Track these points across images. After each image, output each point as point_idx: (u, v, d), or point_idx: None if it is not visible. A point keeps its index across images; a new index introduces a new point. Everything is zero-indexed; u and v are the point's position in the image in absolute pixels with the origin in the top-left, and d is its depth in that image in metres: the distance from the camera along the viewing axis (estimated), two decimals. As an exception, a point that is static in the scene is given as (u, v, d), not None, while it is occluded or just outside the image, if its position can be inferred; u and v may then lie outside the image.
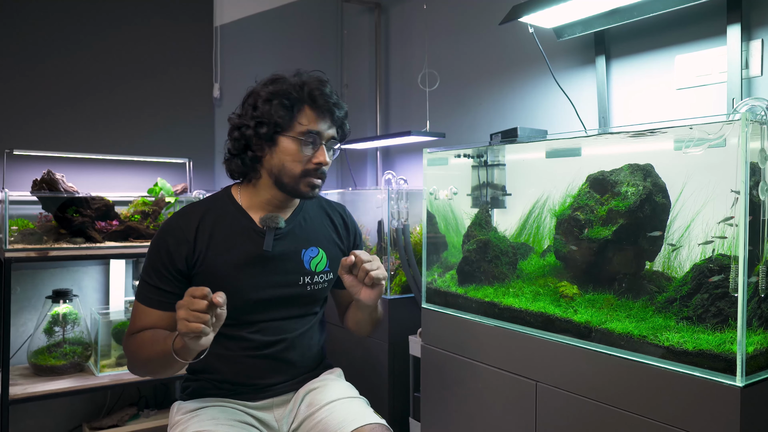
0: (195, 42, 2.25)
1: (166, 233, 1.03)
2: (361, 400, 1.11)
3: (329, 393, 1.08)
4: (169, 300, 1.01)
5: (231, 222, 1.06)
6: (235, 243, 1.04)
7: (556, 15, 1.40)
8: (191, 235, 1.03)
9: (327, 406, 1.05)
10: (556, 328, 1.11)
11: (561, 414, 1.07)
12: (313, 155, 1.03)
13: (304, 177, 1.03)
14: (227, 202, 1.09)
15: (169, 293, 1.01)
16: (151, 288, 1.01)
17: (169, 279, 1.01)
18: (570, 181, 1.28)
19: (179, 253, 1.01)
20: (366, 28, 2.52)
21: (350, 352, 1.92)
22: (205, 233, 1.03)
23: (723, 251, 1.03)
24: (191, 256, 1.02)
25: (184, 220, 1.04)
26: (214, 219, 1.05)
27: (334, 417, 1.02)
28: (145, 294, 1.02)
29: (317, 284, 1.11)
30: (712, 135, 0.94)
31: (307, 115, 1.02)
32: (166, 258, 1.01)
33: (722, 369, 0.86)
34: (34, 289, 1.92)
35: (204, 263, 1.02)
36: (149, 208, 1.91)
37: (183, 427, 0.99)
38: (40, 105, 1.95)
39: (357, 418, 1.01)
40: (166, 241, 1.02)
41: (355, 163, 2.58)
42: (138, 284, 1.04)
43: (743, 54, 1.24)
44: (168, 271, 1.01)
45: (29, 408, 1.89)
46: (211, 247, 1.03)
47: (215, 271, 1.02)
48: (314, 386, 1.11)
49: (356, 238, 1.22)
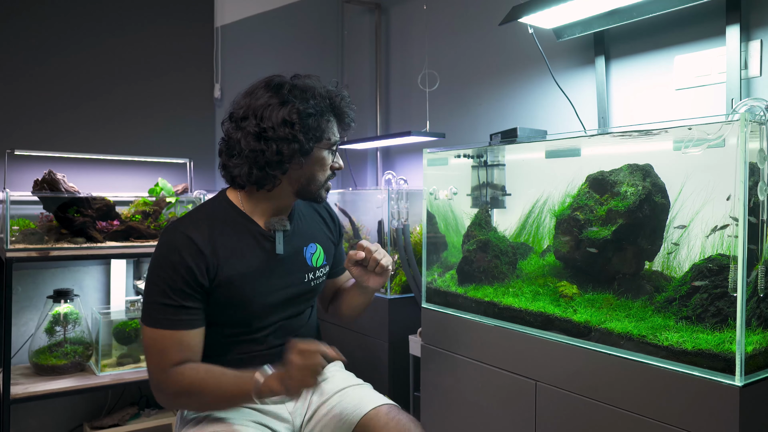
0: (196, 42, 2.25)
1: (180, 248, 0.95)
2: (369, 385, 1.15)
3: (338, 382, 1.11)
4: (195, 317, 0.96)
5: (237, 229, 1.03)
6: (245, 250, 1.03)
7: (556, 15, 1.40)
8: (206, 248, 0.96)
9: (338, 393, 1.08)
10: (556, 327, 1.11)
11: (560, 413, 1.07)
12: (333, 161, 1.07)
13: (326, 183, 1.07)
14: (228, 209, 1.05)
15: (194, 309, 0.95)
16: (174, 309, 0.94)
17: (192, 296, 0.95)
18: (569, 182, 1.28)
19: (200, 268, 0.95)
20: (366, 28, 2.52)
21: (350, 352, 1.92)
22: (218, 245, 0.99)
23: (722, 251, 1.03)
24: (211, 268, 0.96)
25: (193, 232, 0.97)
26: (222, 228, 1.01)
27: (348, 401, 1.05)
28: (167, 318, 0.93)
29: (318, 278, 1.13)
30: (711, 135, 0.94)
31: (334, 126, 1.06)
32: (188, 275, 0.94)
33: (721, 368, 0.86)
34: (35, 288, 1.93)
35: (222, 276, 0.99)
36: (150, 208, 1.91)
37: (198, 428, 0.98)
38: (42, 105, 1.95)
39: (373, 399, 1.05)
40: (182, 257, 0.94)
41: (355, 163, 2.58)
42: (150, 311, 0.95)
43: (742, 54, 1.24)
44: (191, 287, 0.94)
45: (30, 407, 1.89)
46: (225, 256, 0.99)
47: (232, 281, 0.99)
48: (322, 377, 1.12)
49: (340, 228, 1.24)
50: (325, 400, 1.08)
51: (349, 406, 1.04)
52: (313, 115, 0.98)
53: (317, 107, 0.99)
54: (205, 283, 0.96)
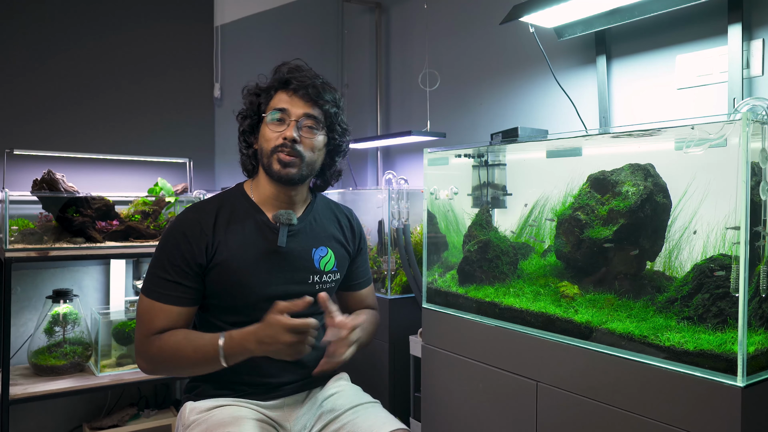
0: (195, 42, 2.25)
1: (183, 227, 1.02)
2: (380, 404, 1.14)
3: (350, 398, 1.10)
4: (188, 296, 1.00)
5: (245, 217, 1.07)
6: (248, 238, 1.05)
7: (557, 15, 1.39)
8: (209, 228, 1.02)
9: (351, 410, 1.07)
10: (557, 328, 1.11)
11: (562, 414, 1.07)
12: (281, 132, 1.04)
13: (274, 153, 1.03)
14: (240, 198, 1.09)
15: (189, 288, 1.00)
16: (170, 284, 0.99)
17: (189, 274, 1.00)
18: (570, 181, 1.28)
19: (199, 247, 1.00)
20: (366, 27, 2.52)
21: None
22: (221, 227, 1.04)
23: (724, 251, 1.03)
24: (210, 249, 1.01)
25: (201, 214, 1.04)
26: (229, 213, 1.06)
27: (361, 421, 1.04)
28: (161, 291, 0.99)
29: (325, 284, 1.12)
30: (713, 135, 0.93)
31: (278, 97, 1.06)
32: (187, 252, 1.00)
33: (723, 369, 0.86)
34: (34, 289, 1.92)
35: (220, 257, 1.02)
36: (149, 208, 1.91)
37: (204, 427, 0.98)
38: (41, 105, 1.95)
39: (386, 423, 1.03)
40: (185, 235, 1.00)
41: (355, 162, 2.57)
42: (149, 281, 1.01)
43: (744, 54, 1.24)
44: (188, 266, 1.00)
45: (29, 408, 1.88)
46: (227, 241, 1.03)
47: (229, 266, 1.02)
48: (332, 392, 1.13)
49: (361, 242, 1.23)
50: (337, 416, 1.06)
51: (363, 426, 1.02)
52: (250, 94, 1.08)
53: (263, 84, 1.07)
54: (203, 262, 1.01)
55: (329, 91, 1.07)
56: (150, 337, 0.98)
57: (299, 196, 1.11)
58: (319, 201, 1.18)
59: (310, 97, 1.04)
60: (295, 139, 1.02)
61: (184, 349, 0.96)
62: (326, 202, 1.21)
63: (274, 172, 1.04)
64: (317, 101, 1.05)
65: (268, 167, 1.05)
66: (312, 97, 1.04)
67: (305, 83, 1.04)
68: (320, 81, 1.07)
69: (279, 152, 1.03)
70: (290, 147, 1.02)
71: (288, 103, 1.04)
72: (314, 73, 1.07)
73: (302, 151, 1.03)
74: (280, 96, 1.05)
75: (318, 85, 1.05)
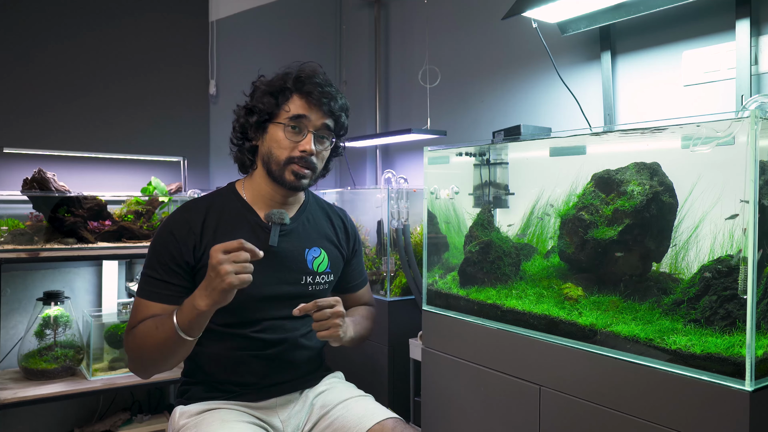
0: (190, 37, 2.22)
1: (173, 226, 1.03)
2: (371, 397, 1.14)
3: (341, 393, 1.11)
4: (174, 293, 1.01)
5: (235, 216, 1.08)
6: (238, 235, 1.04)
7: (561, 9, 1.39)
8: (197, 228, 1.04)
9: (341, 404, 1.08)
10: (560, 330, 1.09)
11: (565, 419, 1.06)
12: (300, 143, 1.04)
13: (289, 164, 1.05)
14: (231, 197, 1.10)
15: (175, 286, 1.01)
16: (157, 282, 1.01)
17: (176, 272, 1.01)
18: (574, 180, 1.26)
19: (187, 246, 1.02)
20: (365, 23, 2.49)
21: (350, 356, 1.90)
22: (211, 227, 1.05)
23: (731, 252, 1.01)
24: (198, 248, 1.02)
25: (190, 213, 1.06)
26: (219, 213, 1.07)
27: (351, 413, 1.05)
28: (149, 289, 1.01)
29: (318, 285, 1.12)
30: (720, 133, 0.92)
31: (295, 102, 1.05)
32: (175, 251, 1.01)
33: (731, 373, 0.84)
34: (24, 290, 1.90)
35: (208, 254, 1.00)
36: (143, 207, 1.88)
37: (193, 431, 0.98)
38: (31, 102, 1.92)
39: (377, 412, 1.05)
40: (173, 234, 1.02)
41: (354, 161, 2.55)
42: (140, 280, 1.03)
43: (752, 49, 1.23)
44: (176, 264, 1.01)
45: (20, 413, 1.86)
46: (216, 240, 1.02)
47: None
48: (323, 389, 1.13)
49: (356, 243, 1.24)
50: (327, 411, 1.07)
51: (353, 420, 1.03)
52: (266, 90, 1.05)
53: (274, 84, 1.05)
54: (191, 261, 1.02)
55: (341, 98, 1.09)
56: (129, 333, 1.01)
57: (295, 197, 1.12)
58: (312, 201, 1.18)
59: (330, 107, 1.06)
60: (313, 152, 1.05)
61: (150, 330, 0.96)
62: (320, 203, 1.21)
63: (286, 181, 1.06)
64: (334, 111, 1.07)
65: (279, 175, 1.06)
66: (330, 107, 1.06)
67: (325, 92, 1.05)
68: (333, 89, 1.08)
69: (295, 163, 1.05)
70: (307, 160, 1.05)
71: (307, 111, 1.04)
72: (328, 79, 1.09)
73: (316, 163, 1.07)
74: (297, 101, 1.05)
75: (334, 94, 1.07)
